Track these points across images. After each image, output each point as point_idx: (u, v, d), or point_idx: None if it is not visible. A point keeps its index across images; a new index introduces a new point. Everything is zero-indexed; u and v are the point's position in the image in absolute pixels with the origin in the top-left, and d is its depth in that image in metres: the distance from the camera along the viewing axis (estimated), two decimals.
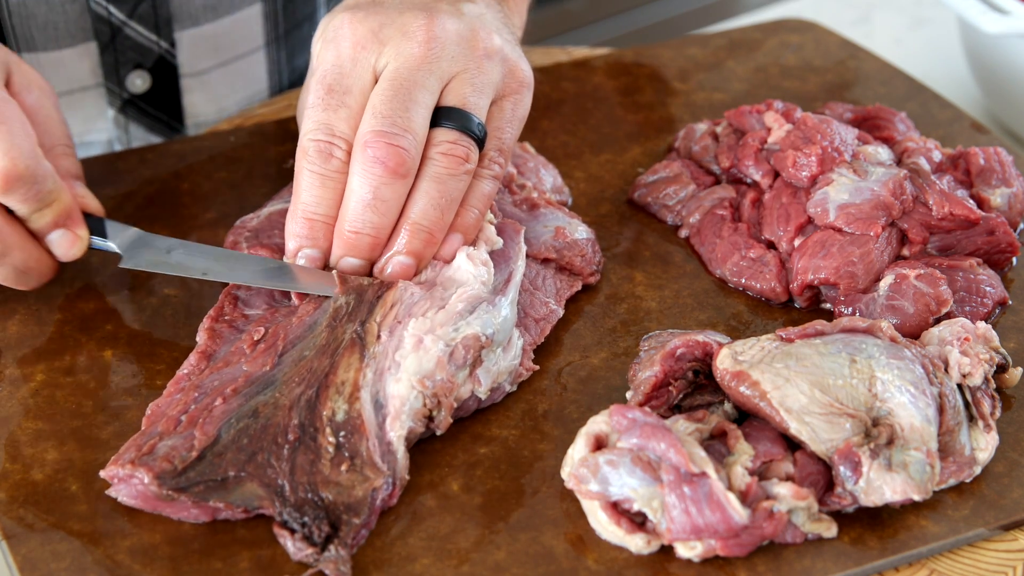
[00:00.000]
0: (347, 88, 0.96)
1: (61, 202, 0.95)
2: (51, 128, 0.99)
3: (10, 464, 0.90)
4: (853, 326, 0.93)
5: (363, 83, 0.96)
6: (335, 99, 0.96)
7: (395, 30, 0.97)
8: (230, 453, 0.87)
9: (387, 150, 0.93)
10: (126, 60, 1.21)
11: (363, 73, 0.96)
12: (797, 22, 1.37)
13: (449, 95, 0.97)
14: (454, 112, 0.96)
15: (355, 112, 0.96)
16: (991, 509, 0.89)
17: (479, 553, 0.86)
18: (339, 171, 0.95)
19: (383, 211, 0.94)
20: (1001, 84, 1.34)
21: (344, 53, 0.97)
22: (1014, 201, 1.09)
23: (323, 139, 0.95)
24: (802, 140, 1.09)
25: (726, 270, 1.06)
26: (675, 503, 0.84)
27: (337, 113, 0.95)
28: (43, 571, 0.84)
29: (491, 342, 0.93)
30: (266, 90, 1.32)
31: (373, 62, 0.97)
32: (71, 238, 0.96)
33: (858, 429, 0.88)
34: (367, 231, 0.95)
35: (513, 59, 1.01)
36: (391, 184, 0.94)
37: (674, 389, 0.93)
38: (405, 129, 0.94)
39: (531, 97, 1.02)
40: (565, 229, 1.05)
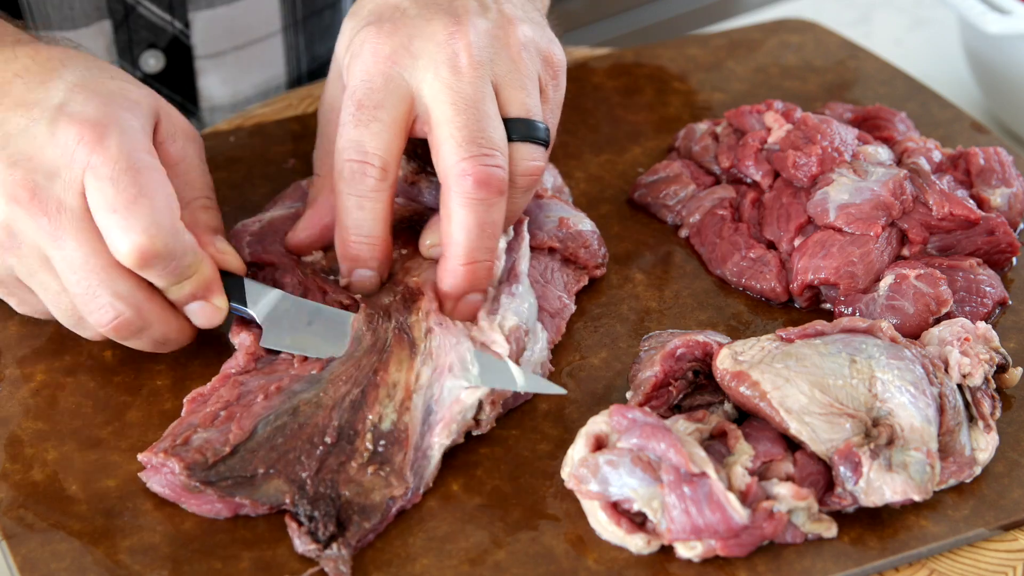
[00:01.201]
0: (378, 103, 0.93)
1: (200, 274, 0.91)
2: (193, 180, 0.96)
3: (10, 464, 0.90)
4: (853, 326, 0.93)
5: (396, 97, 0.93)
6: (366, 114, 0.93)
7: (425, 41, 0.94)
8: (263, 451, 0.87)
9: (487, 172, 0.90)
10: (140, 40, 1.21)
11: (396, 87, 0.93)
12: (797, 22, 1.37)
13: (509, 104, 0.94)
14: (520, 123, 0.94)
15: (387, 126, 0.93)
16: (991, 509, 0.89)
17: (479, 553, 0.86)
18: (375, 189, 0.93)
19: (493, 233, 0.92)
20: (1001, 84, 1.34)
21: (373, 68, 0.94)
22: (1014, 201, 1.09)
23: (355, 159, 0.93)
24: (802, 140, 1.09)
25: (726, 270, 1.06)
26: (675, 503, 0.84)
27: (369, 128, 0.93)
28: (43, 571, 0.84)
29: (528, 331, 0.93)
30: (283, 75, 1.32)
31: (407, 77, 0.93)
32: (210, 310, 0.93)
33: (858, 429, 0.88)
34: (485, 258, 0.92)
35: (545, 45, 0.98)
36: (497, 204, 0.92)
37: (674, 389, 0.93)
38: (492, 147, 0.91)
39: (565, 76, 1.00)
40: (569, 220, 1.05)
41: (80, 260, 0.87)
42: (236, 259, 0.96)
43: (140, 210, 0.86)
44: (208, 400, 0.91)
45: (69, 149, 0.87)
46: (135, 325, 0.90)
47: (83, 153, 0.87)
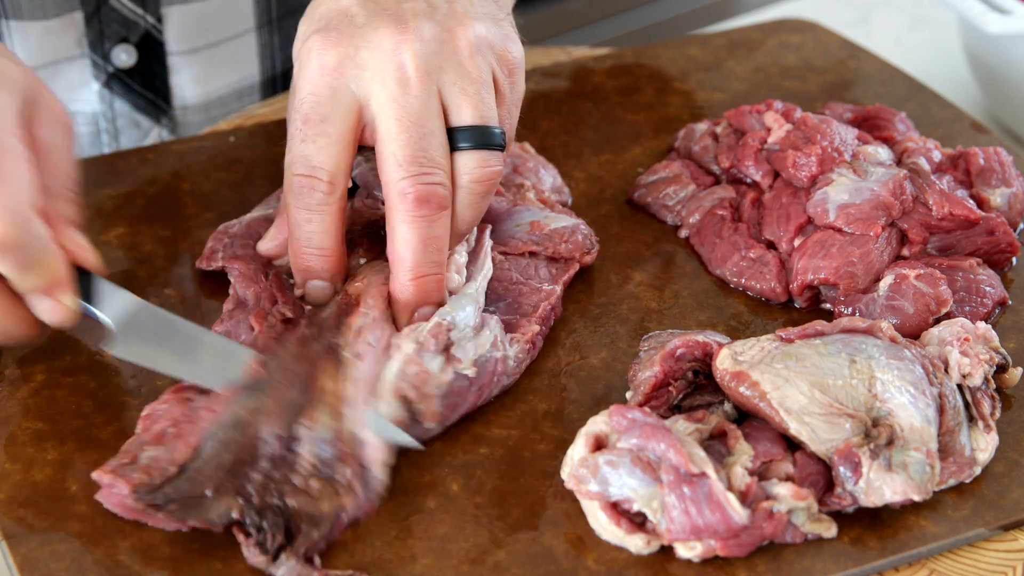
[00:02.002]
0: (324, 116, 0.93)
1: (49, 269, 0.87)
2: (58, 169, 0.92)
3: (10, 464, 0.90)
4: (853, 326, 0.93)
5: (343, 111, 0.93)
6: (312, 129, 0.93)
7: (372, 51, 0.93)
8: (210, 469, 0.86)
9: (427, 190, 0.91)
10: (111, 33, 1.21)
11: (342, 100, 0.93)
12: (797, 22, 1.37)
13: (459, 111, 0.94)
14: (472, 131, 0.94)
15: (335, 141, 0.93)
16: (991, 509, 0.89)
17: (479, 553, 0.86)
18: (323, 203, 0.93)
19: (439, 247, 0.93)
20: (1001, 84, 1.34)
21: (318, 80, 0.93)
22: (1014, 201, 1.09)
23: (303, 173, 0.93)
24: (802, 140, 1.09)
25: (726, 270, 1.06)
26: (675, 503, 0.84)
27: (316, 143, 0.93)
28: (43, 571, 0.84)
29: (454, 325, 0.93)
30: (257, 75, 1.31)
31: (354, 88, 0.93)
32: (57, 307, 0.88)
33: (858, 429, 0.88)
34: (431, 272, 0.93)
35: (499, 43, 0.97)
36: (439, 220, 0.92)
37: (674, 389, 0.93)
38: (431, 164, 0.92)
39: (523, 73, 0.99)
40: (540, 222, 1.05)
41: None
42: (93, 255, 0.91)
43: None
44: (160, 416, 0.90)
45: None
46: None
47: None
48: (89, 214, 1.10)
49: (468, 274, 0.98)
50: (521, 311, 1.00)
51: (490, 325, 0.95)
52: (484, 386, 0.94)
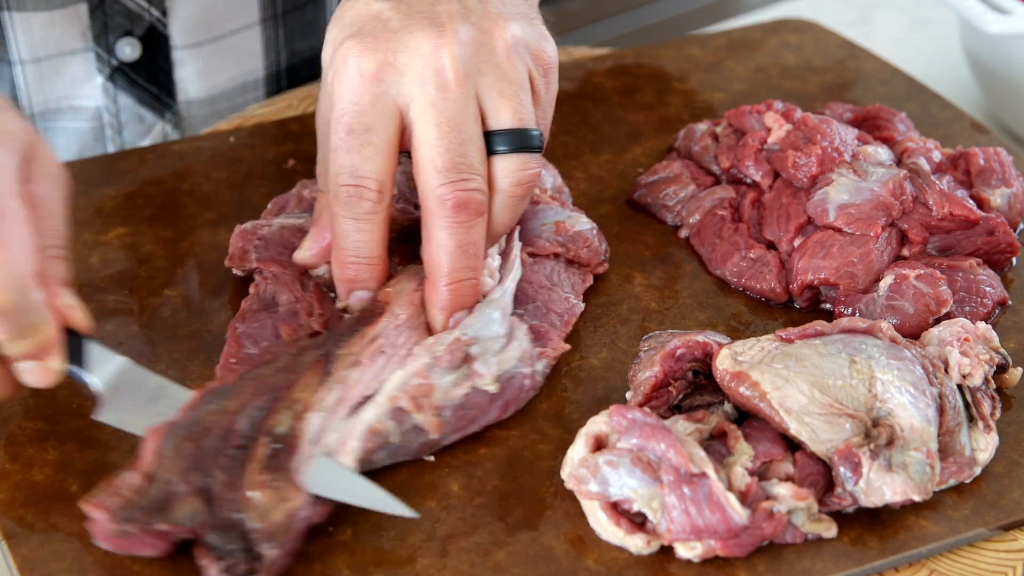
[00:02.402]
0: (368, 126, 0.92)
1: (41, 335, 0.85)
2: (50, 226, 0.89)
3: (10, 464, 0.90)
4: (853, 326, 0.93)
5: (386, 119, 0.92)
6: (357, 139, 0.92)
7: (410, 55, 0.92)
8: (173, 461, 0.84)
9: (465, 196, 0.91)
10: (115, 26, 1.21)
11: (384, 107, 0.92)
12: (797, 22, 1.37)
13: (497, 114, 0.93)
14: (510, 134, 0.93)
15: (380, 150, 0.92)
16: (991, 509, 0.89)
17: (479, 553, 0.86)
18: (372, 212, 0.93)
19: (476, 252, 0.93)
20: (1001, 84, 1.34)
21: (359, 89, 0.92)
22: (1014, 201, 1.09)
23: (351, 183, 0.93)
24: (802, 140, 1.09)
25: (726, 270, 1.06)
26: (675, 503, 0.84)
27: (362, 153, 0.92)
28: (43, 571, 0.84)
29: (476, 339, 0.93)
30: (261, 69, 1.31)
31: (394, 94, 0.92)
32: (44, 372, 0.86)
33: (858, 430, 0.88)
34: (467, 277, 0.93)
35: (535, 43, 0.96)
36: (477, 226, 0.92)
37: (674, 389, 0.93)
38: (470, 171, 0.91)
39: (557, 71, 0.99)
40: (565, 223, 1.05)
41: None
42: (83, 316, 0.89)
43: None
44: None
45: None
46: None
47: None
48: (89, 214, 1.10)
49: (499, 277, 0.98)
50: (549, 320, 1.00)
51: (519, 337, 0.95)
52: (510, 401, 0.94)
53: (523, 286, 1.00)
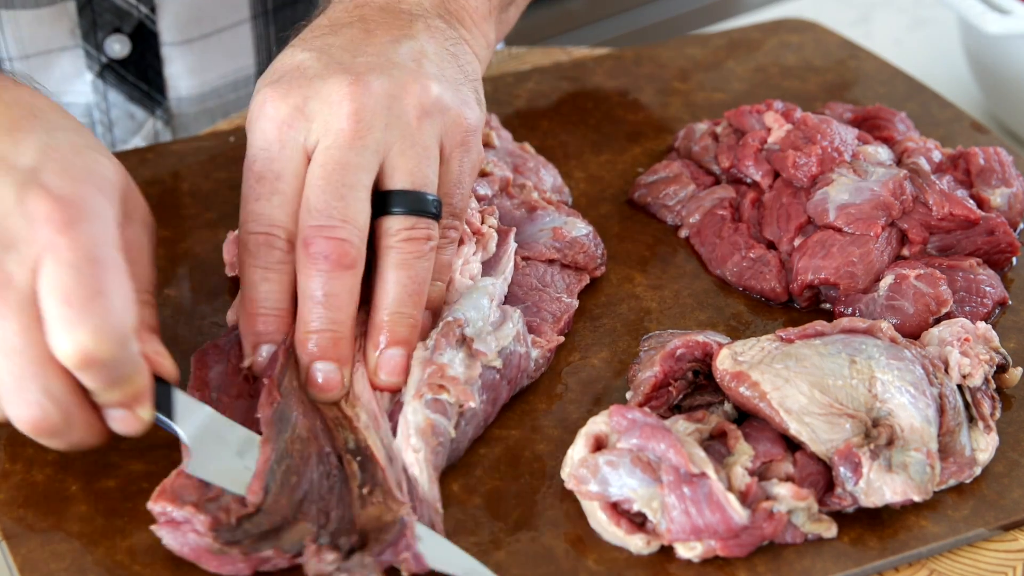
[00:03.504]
0: (277, 173, 0.90)
1: (134, 384, 0.84)
2: (140, 271, 0.87)
3: (10, 464, 0.90)
4: (853, 327, 0.93)
5: (295, 165, 0.90)
6: (267, 187, 0.90)
7: (320, 102, 0.90)
8: (283, 498, 0.84)
9: (327, 244, 0.88)
10: (104, 23, 1.21)
11: (293, 154, 0.90)
12: (797, 22, 1.37)
13: (393, 173, 0.91)
14: (405, 195, 0.91)
15: (289, 198, 0.90)
16: (991, 509, 0.89)
17: (479, 553, 0.86)
18: (282, 261, 0.90)
19: (336, 305, 0.89)
20: (1001, 84, 1.34)
21: (270, 135, 0.91)
22: (1014, 201, 1.09)
23: (260, 231, 0.90)
24: (802, 140, 1.09)
25: (726, 270, 1.06)
26: (675, 503, 0.84)
27: (271, 201, 0.90)
28: (43, 571, 0.84)
29: (466, 321, 0.92)
30: (253, 66, 1.31)
31: (302, 140, 0.90)
32: (133, 420, 0.85)
33: (858, 430, 0.88)
34: (326, 327, 0.89)
35: (454, 106, 0.93)
36: (339, 278, 0.89)
37: (674, 389, 0.93)
38: (344, 219, 0.88)
39: (479, 140, 0.96)
40: (562, 229, 1.05)
41: (18, 345, 0.80)
42: (171, 365, 0.87)
43: (95, 309, 0.79)
44: None
45: (35, 224, 0.80)
46: (57, 428, 0.83)
47: (48, 232, 0.80)
48: None
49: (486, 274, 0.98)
50: (541, 316, 0.99)
51: (512, 319, 0.95)
52: (512, 380, 0.94)
53: (512, 289, 1.00)
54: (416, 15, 0.97)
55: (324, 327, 0.89)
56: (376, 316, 0.91)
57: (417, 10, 0.98)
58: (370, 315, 0.91)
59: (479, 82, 0.99)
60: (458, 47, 0.98)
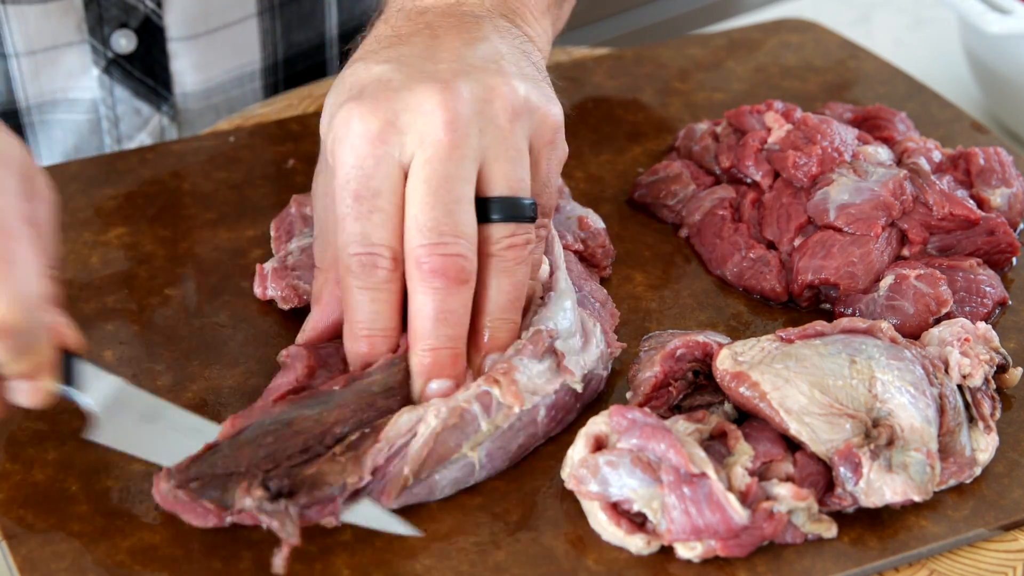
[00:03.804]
0: (375, 191, 0.88)
1: (38, 355, 0.83)
2: (44, 246, 0.86)
3: (10, 464, 0.90)
4: (853, 327, 0.93)
5: (392, 181, 0.88)
6: (365, 205, 0.88)
7: (412, 114, 0.88)
8: (248, 448, 0.85)
9: (443, 262, 0.86)
10: (110, 18, 1.21)
11: (390, 170, 0.88)
12: (797, 22, 1.37)
13: (492, 180, 0.89)
14: (503, 202, 0.89)
15: (390, 215, 0.88)
16: (991, 509, 0.89)
17: (479, 553, 0.86)
18: (387, 281, 0.89)
19: (454, 322, 0.88)
20: (1001, 84, 1.34)
21: (363, 151, 0.88)
22: (1014, 201, 1.09)
23: (363, 251, 0.88)
24: (802, 140, 1.09)
25: (726, 270, 1.06)
26: (675, 504, 0.84)
27: (371, 220, 0.88)
28: (43, 571, 0.84)
29: (557, 332, 0.91)
30: (259, 61, 1.31)
31: (397, 156, 0.88)
32: (36, 391, 0.84)
33: (858, 430, 0.88)
34: (444, 345, 0.88)
35: (541, 105, 0.91)
36: (456, 293, 0.88)
37: (674, 390, 0.93)
38: (456, 235, 0.87)
39: (564, 135, 0.94)
40: (587, 219, 1.05)
41: None
42: (76, 336, 0.86)
43: (5, 278, 0.79)
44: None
45: None
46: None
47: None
48: (89, 214, 1.10)
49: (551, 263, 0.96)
50: (597, 312, 0.98)
51: (596, 336, 0.94)
52: (584, 404, 0.93)
53: None
54: (481, 16, 0.95)
55: (444, 344, 0.88)
56: (479, 321, 0.90)
57: (480, 11, 0.96)
58: (473, 319, 0.90)
59: (548, 77, 0.97)
60: (526, 45, 0.97)
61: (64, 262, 1.05)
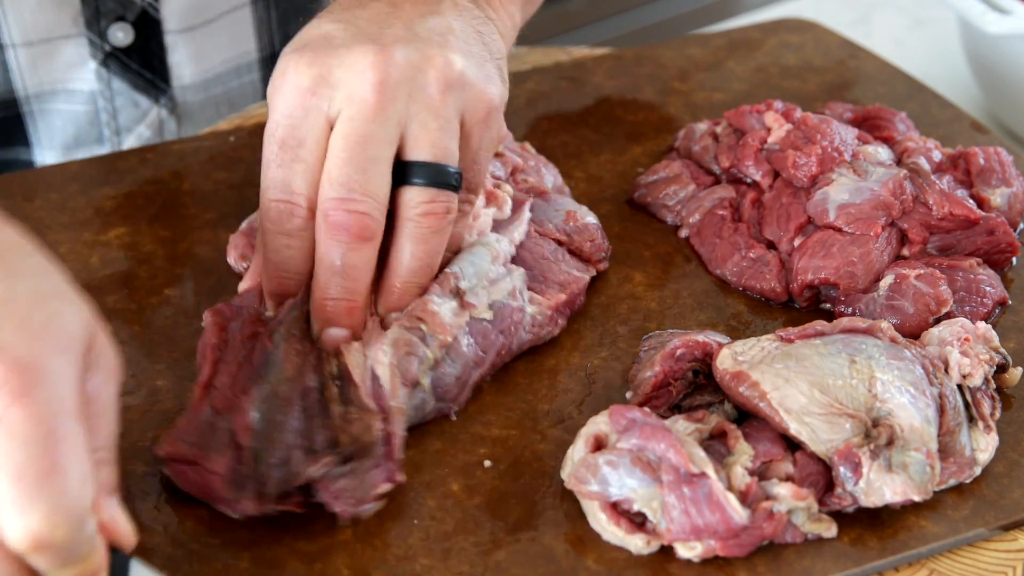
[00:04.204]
0: (300, 140, 0.91)
1: (88, 564, 0.75)
2: (100, 425, 0.79)
3: None
4: (853, 326, 0.93)
5: (317, 133, 0.91)
6: (289, 154, 0.91)
7: (345, 71, 0.90)
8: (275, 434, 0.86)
9: (348, 217, 0.89)
10: (107, 11, 1.21)
11: (316, 122, 0.91)
12: (797, 22, 1.37)
13: (415, 144, 0.91)
14: (425, 167, 0.91)
15: (311, 166, 0.91)
16: (991, 509, 0.89)
17: (479, 553, 0.86)
18: (302, 228, 0.92)
19: (354, 276, 0.91)
20: (1001, 84, 1.34)
21: (293, 102, 0.91)
22: (1014, 201, 1.09)
23: (281, 199, 0.91)
24: (802, 140, 1.09)
25: (726, 270, 1.06)
26: (675, 503, 0.84)
27: (292, 168, 0.91)
28: None
29: (462, 274, 0.94)
30: (255, 51, 1.31)
31: (326, 109, 0.91)
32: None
33: (858, 430, 0.88)
34: (341, 296, 0.91)
35: (478, 82, 0.93)
36: (358, 250, 0.90)
37: (674, 389, 0.93)
38: (364, 193, 0.89)
39: (501, 116, 0.96)
40: (576, 213, 1.06)
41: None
42: (128, 532, 0.79)
43: (49, 488, 0.71)
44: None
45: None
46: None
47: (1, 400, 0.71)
48: (89, 214, 1.10)
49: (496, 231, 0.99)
50: (547, 283, 1.01)
51: (513, 276, 0.97)
52: (505, 331, 0.96)
53: (523, 254, 1.02)
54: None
55: (340, 296, 0.91)
56: (388, 281, 0.93)
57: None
58: (383, 277, 0.93)
59: (503, 61, 0.99)
60: (485, 26, 0.98)
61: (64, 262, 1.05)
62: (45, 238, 1.07)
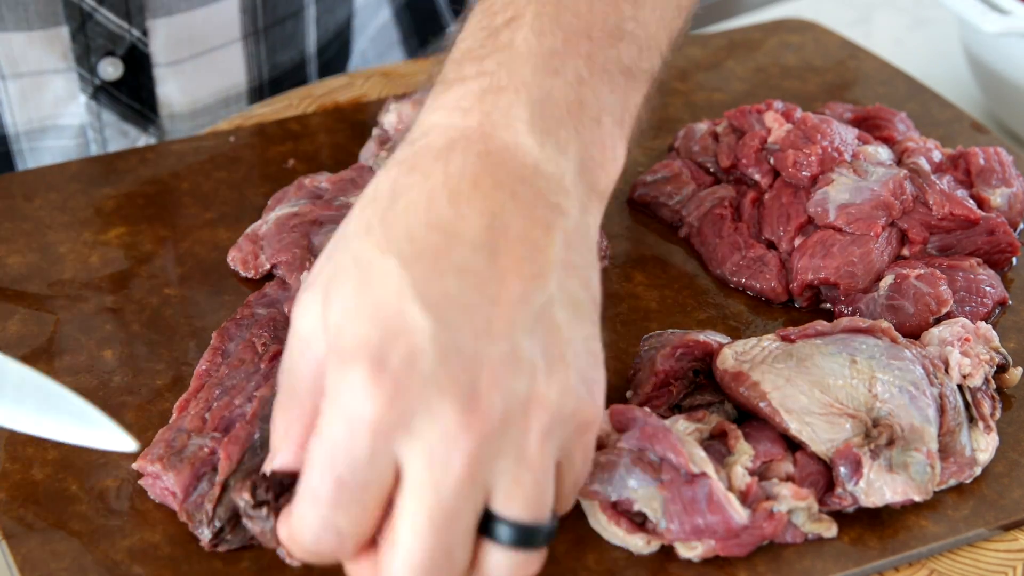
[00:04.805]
0: (363, 483, 0.74)
1: None
2: None
3: (10, 464, 0.90)
4: (853, 326, 0.93)
5: (385, 479, 0.74)
6: (346, 495, 0.74)
7: (429, 422, 0.72)
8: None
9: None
10: (97, 47, 1.21)
11: (384, 470, 0.74)
12: (797, 22, 1.37)
13: (506, 500, 0.75)
14: (515, 528, 0.75)
15: (368, 509, 0.75)
16: (991, 509, 0.89)
17: None
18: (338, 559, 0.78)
19: None
20: (1001, 84, 1.34)
21: (361, 433, 0.73)
22: (1014, 201, 1.09)
23: (328, 539, 0.76)
24: (802, 140, 1.09)
25: (726, 270, 1.06)
26: (675, 503, 0.84)
27: (348, 511, 0.75)
28: (43, 571, 0.84)
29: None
30: (244, 83, 1.31)
31: (396, 450, 0.73)
32: None
33: (858, 430, 0.88)
34: None
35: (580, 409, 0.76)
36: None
37: (674, 389, 0.93)
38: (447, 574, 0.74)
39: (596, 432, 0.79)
40: None
41: None
42: None
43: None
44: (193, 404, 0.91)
45: None
46: None
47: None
48: (89, 214, 1.10)
49: None
50: None
51: None
52: None
53: None
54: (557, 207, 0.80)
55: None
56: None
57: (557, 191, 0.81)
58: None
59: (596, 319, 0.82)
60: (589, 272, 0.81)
61: (64, 262, 1.05)
62: (45, 238, 1.07)
